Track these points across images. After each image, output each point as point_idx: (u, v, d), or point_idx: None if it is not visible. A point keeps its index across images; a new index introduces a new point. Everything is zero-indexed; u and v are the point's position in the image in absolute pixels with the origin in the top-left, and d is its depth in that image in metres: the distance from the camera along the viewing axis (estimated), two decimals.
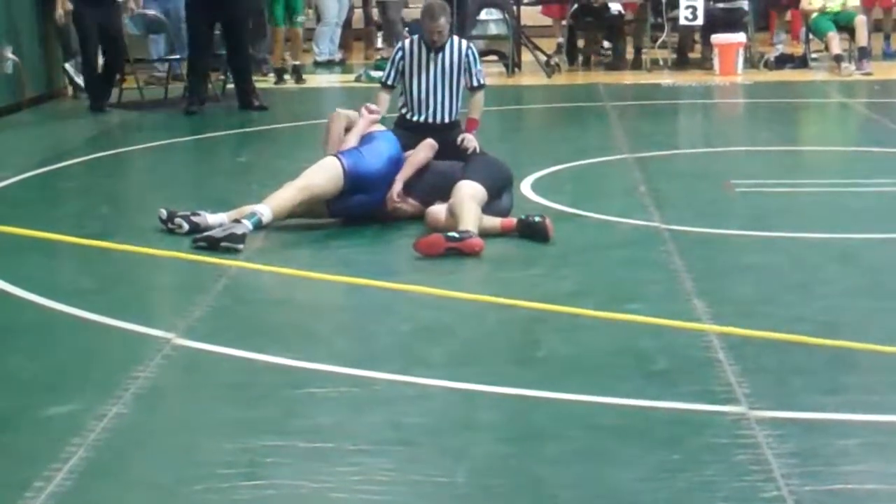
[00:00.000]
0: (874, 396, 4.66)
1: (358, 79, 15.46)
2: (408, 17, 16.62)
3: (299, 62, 15.54)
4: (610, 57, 16.83)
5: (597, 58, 17.17)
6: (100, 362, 5.24)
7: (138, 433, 4.44)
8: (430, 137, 7.69)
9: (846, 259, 6.68)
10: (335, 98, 14.71)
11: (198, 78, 12.79)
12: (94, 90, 12.88)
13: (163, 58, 14.55)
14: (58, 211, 8.43)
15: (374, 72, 14.42)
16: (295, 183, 7.29)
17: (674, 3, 15.68)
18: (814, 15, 15.48)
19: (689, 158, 10.37)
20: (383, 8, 16.79)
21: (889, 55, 16.89)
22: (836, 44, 15.30)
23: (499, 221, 7.12)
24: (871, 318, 5.62)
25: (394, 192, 7.39)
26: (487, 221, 7.01)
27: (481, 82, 8.24)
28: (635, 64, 16.28)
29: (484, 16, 15.89)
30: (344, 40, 17.87)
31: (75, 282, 6.55)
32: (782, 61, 15.95)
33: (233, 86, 13.22)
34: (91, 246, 7.02)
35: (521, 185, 8.31)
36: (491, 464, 4.15)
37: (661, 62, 16.06)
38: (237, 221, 6.98)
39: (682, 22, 15.72)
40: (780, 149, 10.56)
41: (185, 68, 13.61)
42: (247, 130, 11.90)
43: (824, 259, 6.71)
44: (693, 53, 16.79)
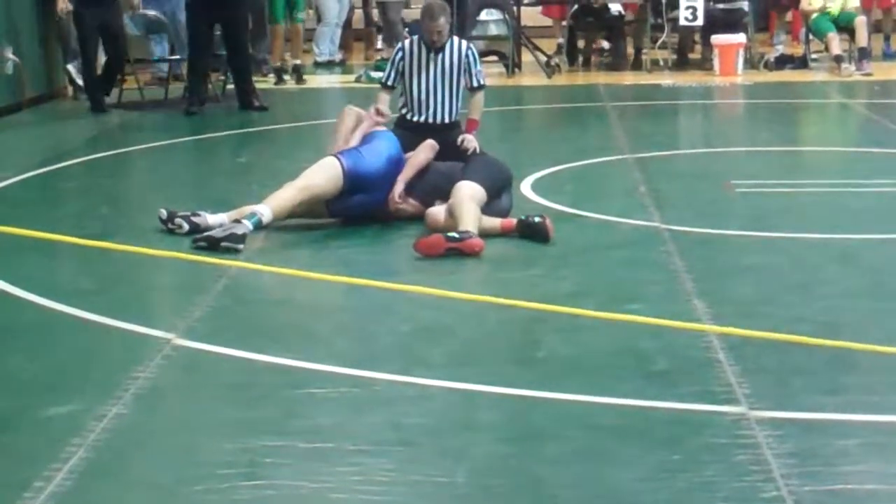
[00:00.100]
0: (874, 397, 4.66)
1: (358, 79, 15.46)
2: (408, 18, 16.62)
3: (300, 61, 15.55)
4: (610, 57, 16.84)
5: (597, 58, 17.19)
6: (100, 362, 5.24)
7: (138, 433, 4.44)
8: (431, 138, 7.69)
9: (846, 259, 6.68)
10: (335, 99, 14.71)
11: (198, 78, 12.78)
12: (93, 91, 12.88)
13: (163, 58, 14.55)
14: (58, 211, 8.43)
15: (375, 72, 14.42)
16: (295, 183, 7.30)
17: (674, 4, 15.67)
18: (814, 15, 15.48)
19: (689, 159, 10.37)
20: (383, 8, 16.79)
21: (889, 56, 16.90)
22: (836, 44, 15.30)
23: (498, 222, 7.12)
24: (871, 319, 5.62)
25: (395, 193, 7.39)
26: (487, 222, 7.01)
27: (481, 83, 8.24)
28: (635, 64, 16.28)
29: (484, 16, 15.89)
30: (344, 41, 17.87)
31: (75, 282, 6.55)
32: (782, 62, 15.96)
33: (233, 86, 13.22)
34: (91, 246, 7.02)
35: (521, 185, 8.31)
36: (491, 464, 4.15)
37: (661, 63, 16.05)
38: (237, 222, 6.98)
39: (682, 22, 15.72)
40: (780, 149, 10.55)
41: (184, 69, 13.61)
42: (247, 131, 11.89)
43: (824, 259, 6.71)
44: (693, 54, 16.79)
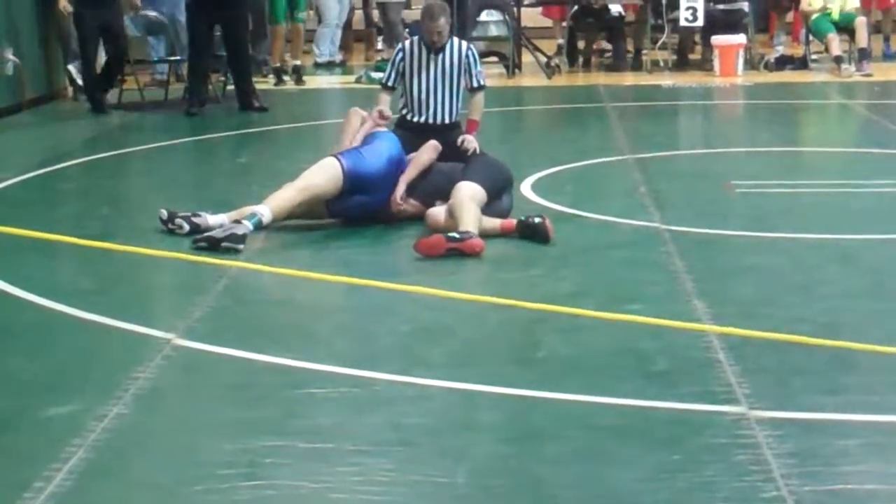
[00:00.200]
0: (874, 397, 4.66)
1: (358, 80, 15.46)
2: (408, 19, 16.63)
3: (300, 62, 15.55)
4: (610, 58, 16.84)
5: (597, 59, 17.19)
6: (100, 363, 5.24)
7: (138, 434, 4.44)
8: (431, 138, 7.69)
9: (846, 260, 6.68)
10: (335, 99, 14.73)
11: (198, 79, 12.79)
12: (93, 91, 12.88)
13: (163, 59, 14.54)
14: (58, 212, 8.43)
15: (375, 73, 14.42)
16: (295, 183, 7.29)
17: (674, 5, 15.68)
18: (814, 16, 15.48)
19: (689, 159, 10.38)
20: (384, 9, 16.80)
21: (889, 56, 16.91)
22: (836, 45, 15.30)
23: (498, 222, 7.11)
24: (872, 319, 5.62)
25: (397, 194, 7.39)
26: (487, 223, 7.01)
27: (481, 83, 8.23)
28: (635, 65, 16.28)
29: (484, 17, 15.89)
30: (344, 42, 17.88)
31: (75, 282, 6.56)
32: (782, 62, 15.96)
33: (233, 87, 13.23)
34: (91, 246, 7.01)
35: (521, 185, 8.31)
36: (491, 464, 4.15)
37: (661, 63, 16.06)
38: (237, 222, 6.98)
39: (683, 23, 15.72)
40: (780, 150, 10.56)
41: (184, 69, 13.61)
42: (247, 131, 11.89)
43: (824, 260, 6.71)
44: (693, 55, 16.79)
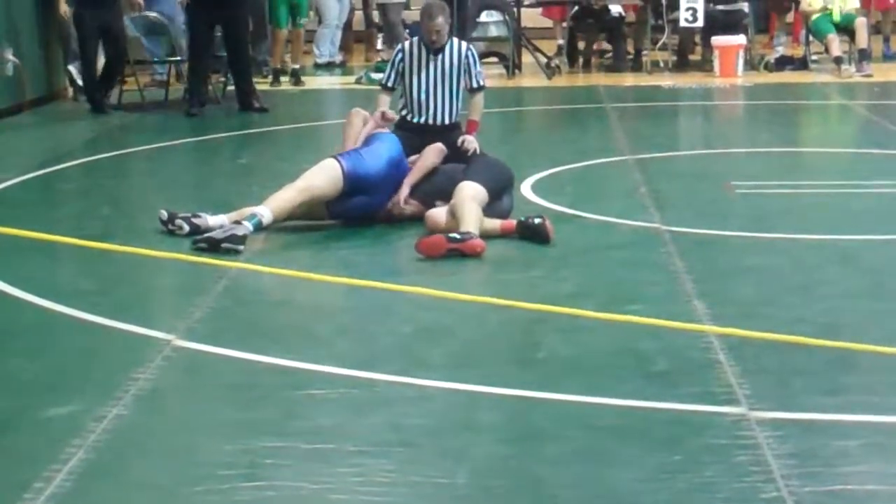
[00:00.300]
0: (874, 397, 4.66)
1: (358, 81, 15.46)
2: (408, 19, 16.62)
3: (299, 65, 15.54)
4: (610, 59, 16.84)
5: (597, 59, 17.19)
6: (100, 363, 5.24)
7: (138, 434, 4.44)
8: (431, 139, 7.69)
9: (846, 260, 6.68)
10: (336, 100, 14.73)
11: (198, 80, 12.79)
12: (93, 92, 12.88)
13: (162, 59, 14.54)
14: (58, 212, 8.43)
15: (375, 74, 14.41)
16: (295, 184, 7.29)
17: (674, 5, 15.68)
18: (814, 17, 15.48)
19: (689, 160, 10.38)
20: (384, 10, 16.80)
21: (889, 57, 16.92)
22: (836, 46, 15.30)
23: (498, 223, 7.11)
24: (872, 320, 5.62)
25: (401, 197, 7.39)
26: (487, 223, 7.00)
27: (481, 84, 8.22)
28: (635, 66, 16.28)
29: (484, 17, 15.90)
30: (344, 42, 17.89)
31: (76, 283, 6.55)
32: (782, 63, 15.96)
33: (233, 88, 13.23)
34: (91, 247, 7.01)
35: (521, 186, 8.31)
36: (491, 465, 4.15)
37: (661, 64, 16.06)
38: (238, 223, 6.98)
39: (683, 24, 15.72)
40: (780, 150, 10.56)
41: (184, 69, 13.61)
42: (247, 132, 11.89)
43: (824, 260, 6.71)
44: (693, 55, 16.79)
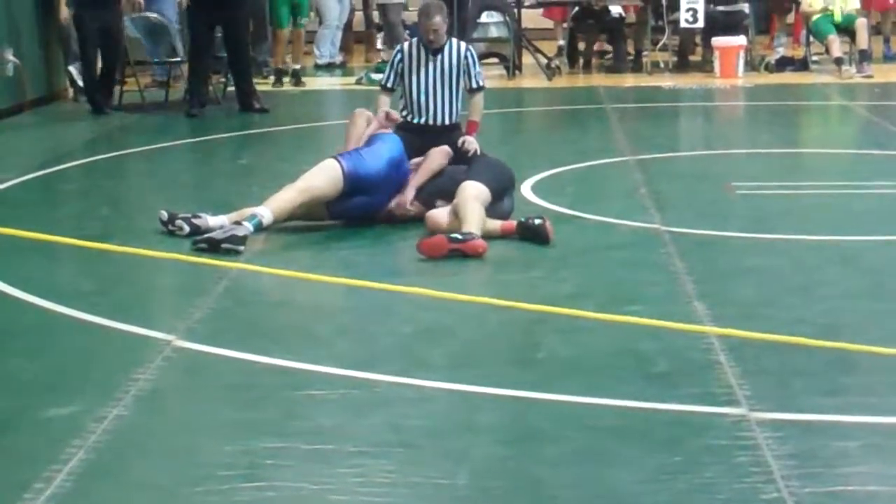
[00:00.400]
0: (874, 398, 4.66)
1: (359, 81, 15.47)
2: (408, 20, 16.63)
3: (300, 66, 15.54)
4: (611, 59, 16.84)
5: (598, 60, 17.19)
6: (100, 364, 5.24)
7: (138, 435, 4.44)
8: (431, 140, 7.69)
9: (847, 261, 6.68)
10: (336, 101, 14.73)
11: (198, 80, 12.79)
12: (92, 93, 12.88)
13: (162, 60, 14.53)
14: (58, 213, 8.43)
15: (375, 74, 14.41)
16: (295, 185, 7.29)
17: (674, 6, 15.68)
18: (814, 17, 15.48)
19: (689, 160, 10.38)
20: (384, 10, 16.80)
21: (889, 58, 16.91)
22: (837, 46, 15.30)
23: (499, 224, 7.11)
24: (872, 320, 5.62)
25: (407, 198, 7.39)
26: (488, 224, 7.00)
27: (480, 84, 8.21)
28: (636, 66, 16.28)
29: (485, 18, 15.90)
30: (345, 43, 17.89)
31: (76, 283, 6.55)
32: (783, 64, 15.97)
33: (233, 88, 13.23)
34: (91, 248, 7.02)
35: (521, 187, 8.30)
36: (491, 465, 4.15)
37: (661, 65, 16.06)
38: (238, 223, 6.98)
39: (683, 25, 15.73)
40: (780, 151, 10.56)
41: (181, 71, 13.61)
42: (247, 133, 11.89)
43: (825, 261, 6.71)
44: (694, 56, 16.79)
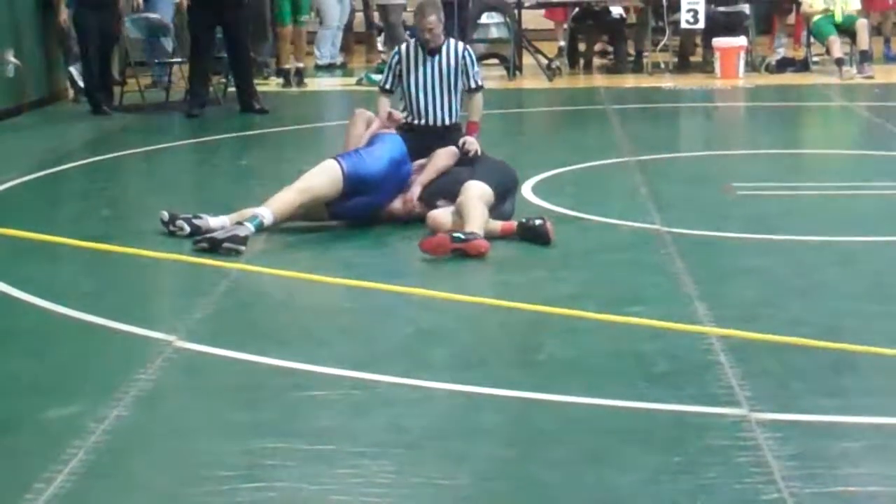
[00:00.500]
0: (875, 399, 4.66)
1: (359, 82, 15.47)
2: (409, 21, 16.63)
3: (302, 65, 15.55)
4: (611, 60, 16.84)
5: (598, 61, 17.19)
6: (101, 365, 5.24)
7: (139, 436, 4.44)
8: (431, 140, 7.69)
9: (847, 262, 6.68)
10: (336, 101, 14.73)
11: (199, 81, 12.79)
12: (93, 94, 12.89)
13: (162, 61, 14.53)
14: (59, 213, 8.44)
15: (375, 75, 14.37)
16: (295, 185, 7.30)
17: (675, 7, 15.69)
18: (815, 18, 15.49)
19: (690, 161, 10.38)
20: (384, 11, 16.81)
21: (890, 58, 16.92)
22: (838, 47, 15.30)
23: (499, 224, 7.10)
24: (872, 321, 5.62)
25: (414, 196, 7.38)
26: (489, 224, 7.00)
27: (479, 84, 8.20)
28: (636, 67, 16.28)
29: (485, 19, 15.91)
30: (345, 44, 17.90)
31: (76, 284, 6.55)
32: (783, 65, 15.97)
33: (234, 89, 13.23)
34: (92, 248, 7.02)
35: (522, 187, 8.29)
36: (492, 467, 4.15)
37: (662, 65, 16.07)
38: (239, 224, 6.98)
39: (684, 25, 15.73)
40: (781, 152, 10.56)
41: (179, 72, 13.62)
42: (248, 133, 11.89)
43: (825, 262, 6.71)
44: (694, 57, 16.80)
